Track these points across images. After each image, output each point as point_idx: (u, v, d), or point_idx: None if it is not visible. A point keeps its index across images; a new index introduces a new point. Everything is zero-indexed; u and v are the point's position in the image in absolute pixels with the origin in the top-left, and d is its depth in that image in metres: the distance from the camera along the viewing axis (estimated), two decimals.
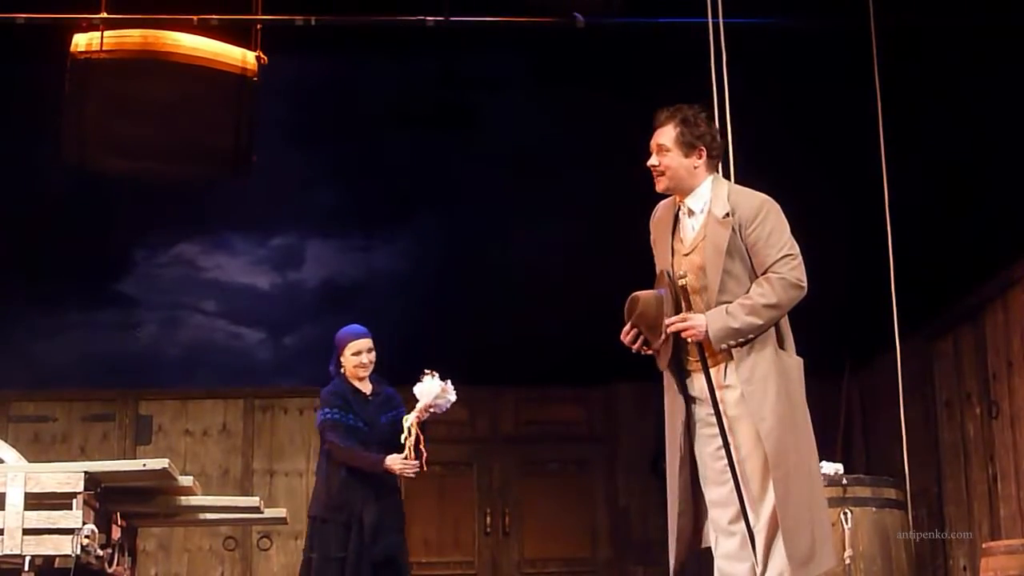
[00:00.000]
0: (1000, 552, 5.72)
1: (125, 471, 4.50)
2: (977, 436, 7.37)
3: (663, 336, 4.37)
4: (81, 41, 6.67)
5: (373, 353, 6.27)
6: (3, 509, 4.19)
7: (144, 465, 4.47)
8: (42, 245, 9.36)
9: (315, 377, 7.87)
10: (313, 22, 7.03)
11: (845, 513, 6.06)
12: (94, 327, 10.21)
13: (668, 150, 4.47)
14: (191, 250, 10.59)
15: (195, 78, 6.74)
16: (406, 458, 5.99)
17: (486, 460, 9.62)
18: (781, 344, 4.44)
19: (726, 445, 4.33)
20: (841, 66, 7.65)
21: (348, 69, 9.20)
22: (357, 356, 6.23)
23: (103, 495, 4.46)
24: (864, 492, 6.23)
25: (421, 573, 9.46)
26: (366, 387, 6.28)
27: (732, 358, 4.35)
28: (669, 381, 4.48)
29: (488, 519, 9.50)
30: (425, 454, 6.01)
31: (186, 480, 4.87)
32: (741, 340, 4.33)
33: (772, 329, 4.39)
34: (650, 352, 4.45)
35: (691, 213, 4.48)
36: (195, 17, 6.82)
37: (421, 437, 6.02)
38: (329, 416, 6.17)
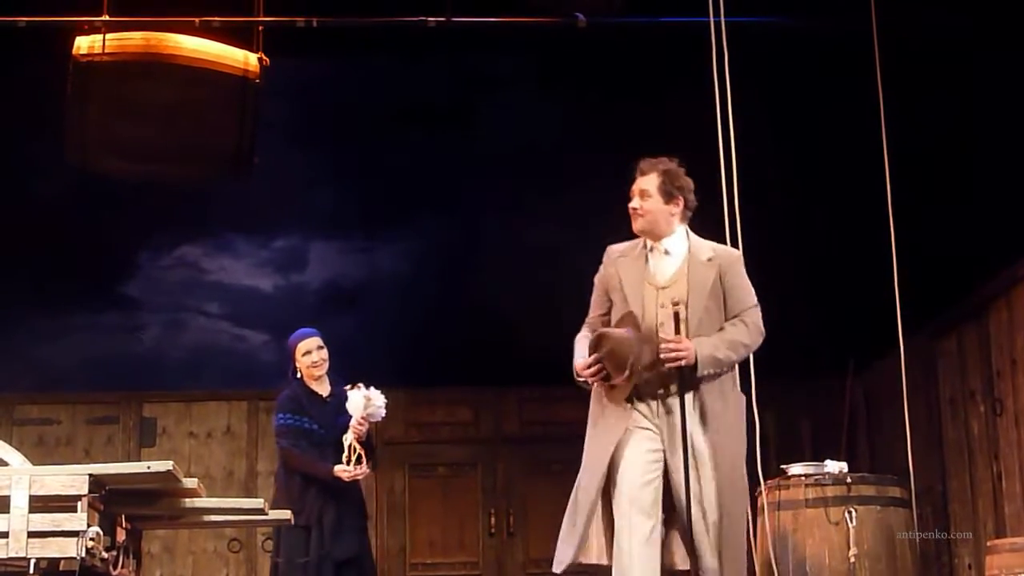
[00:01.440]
0: (1005, 550, 5.71)
1: (130, 473, 4.49)
2: (981, 434, 7.36)
3: (627, 373, 4.64)
4: (83, 44, 6.67)
5: (324, 351, 6.36)
6: (8, 512, 4.19)
7: (148, 467, 4.45)
8: (45, 248, 9.36)
9: None
10: (315, 23, 7.03)
11: (849, 512, 6.06)
12: (98, 330, 10.21)
13: (650, 196, 4.84)
14: (194, 252, 10.59)
15: (197, 80, 6.74)
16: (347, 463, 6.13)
17: (490, 461, 9.62)
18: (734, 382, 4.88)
19: (687, 468, 4.62)
20: (843, 64, 7.65)
21: (350, 70, 9.20)
22: (308, 356, 6.33)
23: (108, 497, 4.45)
24: (868, 491, 6.23)
25: (426, 574, 9.47)
26: (323, 389, 6.36)
27: (696, 390, 4.70)
28: (613, 414, 4.73)
29: (492, 520, 9.49)
30: (369, 464, 6.20)
31: (190, 482, 4.86)
32: (716, 371, 4.71)
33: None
34: (604, 385, 4.74)
35: (667, 253, 4.86)
36: (197, 19, 6.82)
37: (362, 451, 6.15)
38: (283, 421, 6.27)
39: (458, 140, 9.65)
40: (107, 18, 6.70)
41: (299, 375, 6.37)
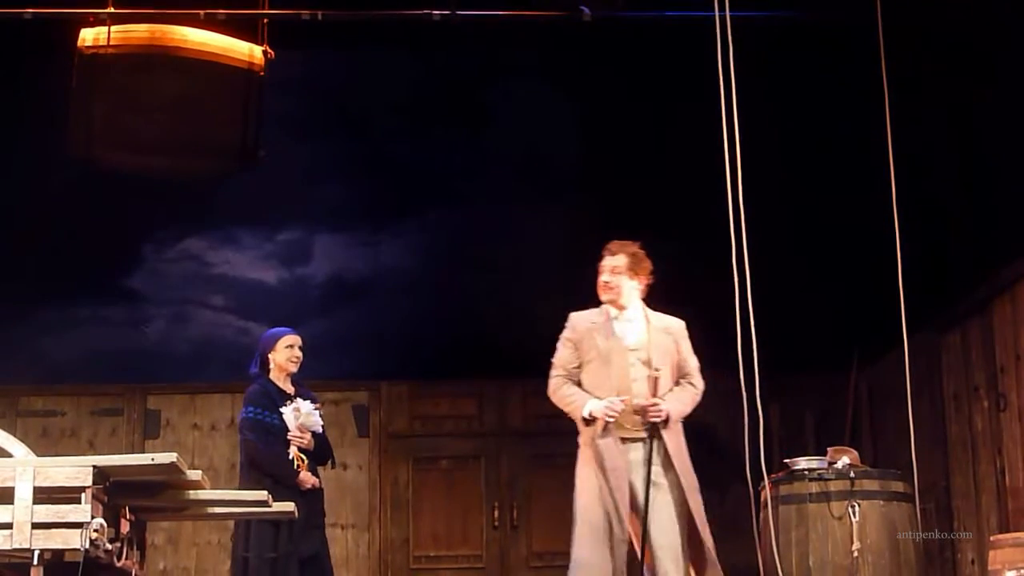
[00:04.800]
0: (1008, 545, 5.72)
1: (134, 465, 4.50)
2: (985, 429, 7.36)
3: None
4: (88, 36, 6.68)
5: (302, 351, 6.45)
6: (12, 503, 4.20)
7: (152, 459, 4.46)
8: (50, 240, 9.37)
9: (322, 371, 7.89)
10: (319, 16, 7.03)
11: (853, 507, 6.06)
12: (102, 322, 10.21)
13: (619, 273, 5.70)
14: (198, 245, 10.58)
15: (202, 73, 6.75)
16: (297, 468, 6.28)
17: (494, 454, 9.62)
18: None
19: (647, 498, 5.44)
20: (847, 59, 7.65)
21: (355, 63, 9.20)
22: (291, 349, 6.42)
23: (112, 489, 4.46)
24: (872, 485, 6.24)
25: (429, 567, 9.48)
26: (289, 388, 6.41)
27: (659, 436, 5.53)
28: (609, 446, 5.61)
29: (496, 513, 9.50)
30: (316, 479, 6.38)
31: (194, 474, 4.87)
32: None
33: None
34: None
35: (629, 320, 5.71)
36: (202, 12, 6.82)
37: (301, 461, 6.31)
38: (250, 414, 6.31)
39: (463, 133, 9.65)
40: (112, 10, 6.71)
41: (268, 371, 6.44)
